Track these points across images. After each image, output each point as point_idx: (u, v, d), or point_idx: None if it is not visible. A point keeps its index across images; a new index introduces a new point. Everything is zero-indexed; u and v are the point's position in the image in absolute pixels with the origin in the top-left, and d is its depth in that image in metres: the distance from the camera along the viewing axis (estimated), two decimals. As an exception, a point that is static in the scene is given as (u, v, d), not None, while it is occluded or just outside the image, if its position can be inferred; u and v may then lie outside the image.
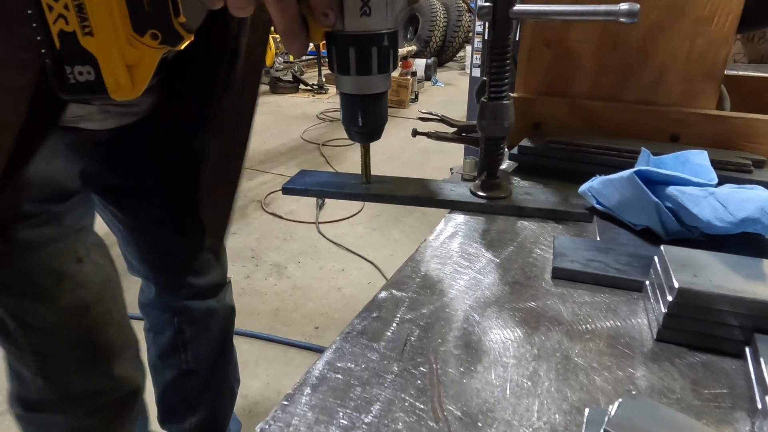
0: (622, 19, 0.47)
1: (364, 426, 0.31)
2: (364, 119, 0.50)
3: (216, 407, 1.10)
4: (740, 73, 1.03)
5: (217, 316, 1.02)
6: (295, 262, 2.22)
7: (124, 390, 0.81)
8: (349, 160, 3.49)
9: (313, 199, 2.73)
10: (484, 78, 0.60)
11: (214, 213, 0.80)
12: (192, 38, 0.40)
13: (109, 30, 0.36)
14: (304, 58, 6.26)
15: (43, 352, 0.71)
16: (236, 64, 0.66)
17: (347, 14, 0.43)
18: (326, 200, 2.72)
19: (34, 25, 0.35)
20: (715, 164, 0.59)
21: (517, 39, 0.83)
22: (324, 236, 2.44)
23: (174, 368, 1.03)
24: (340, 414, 0.32)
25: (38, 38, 0.36)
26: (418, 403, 0.32)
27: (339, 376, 0.35)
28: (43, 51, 0.36)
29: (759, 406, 0.31)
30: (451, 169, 0.78)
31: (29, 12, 0.34)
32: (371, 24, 0.43)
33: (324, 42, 0.45)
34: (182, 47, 0.39)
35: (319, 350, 1.67)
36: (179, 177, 0.80)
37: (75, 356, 0.73)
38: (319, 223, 2.55)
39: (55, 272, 0.67)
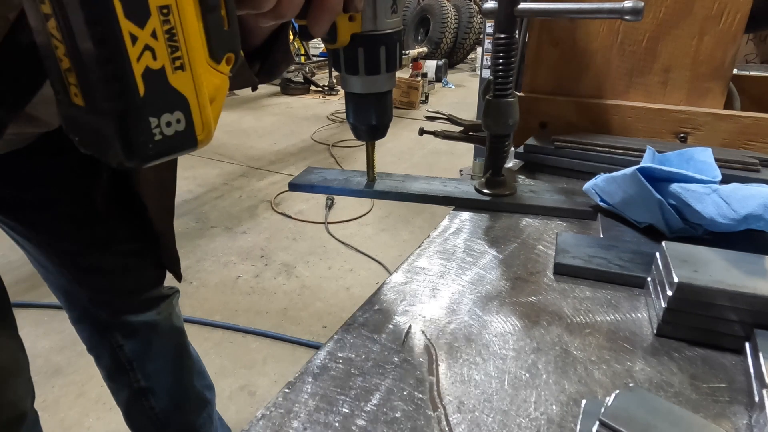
0: (626, 17, 0.47)
1: (363, 414, 0.31)
2: (378, 117, 0.51)
3: (189, 420, 1.04)
4: (752, 73, 1.03)
5: (160, 329, 0.96)
6: (304, 262, 2.23)
7: (5, 415, 0.72)
8: (359, 161, 3.50)
9: (323, 200, 2.74)
10: (490, 77, 0.60)
11: (167, 248, 0.84)
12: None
13: (201, 58, 0.29)
14: (315, 59, 6.29)
15: None
16: None
17: (379, 14, 0.44)
18: (335, 201, 2.73)
19: (109, 66, 0.25)
20: (723, 163, 0.59)
21: (525, 39, 0.83)
22: (333, 236, 2.45)
23: (127, 388, 0.97)
24: (340, 402, 0.32)
25: (111, 86, 0.26)
26: (416, 393, 0.33)
27: (340, 365, 0.36)
28: (113, 103, 0.26)
29: (756, 399, 0.31)
30: (460, 171, 0.79)
31: (100, 50, 0.25)
32: (397, 23, 0.46)
33: (334, 46, 0.46)
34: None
35: (327, 349, 1.68)
36: (77, 188, 0.77)
37: None
38: (328, 223, 2.56)
39: None
